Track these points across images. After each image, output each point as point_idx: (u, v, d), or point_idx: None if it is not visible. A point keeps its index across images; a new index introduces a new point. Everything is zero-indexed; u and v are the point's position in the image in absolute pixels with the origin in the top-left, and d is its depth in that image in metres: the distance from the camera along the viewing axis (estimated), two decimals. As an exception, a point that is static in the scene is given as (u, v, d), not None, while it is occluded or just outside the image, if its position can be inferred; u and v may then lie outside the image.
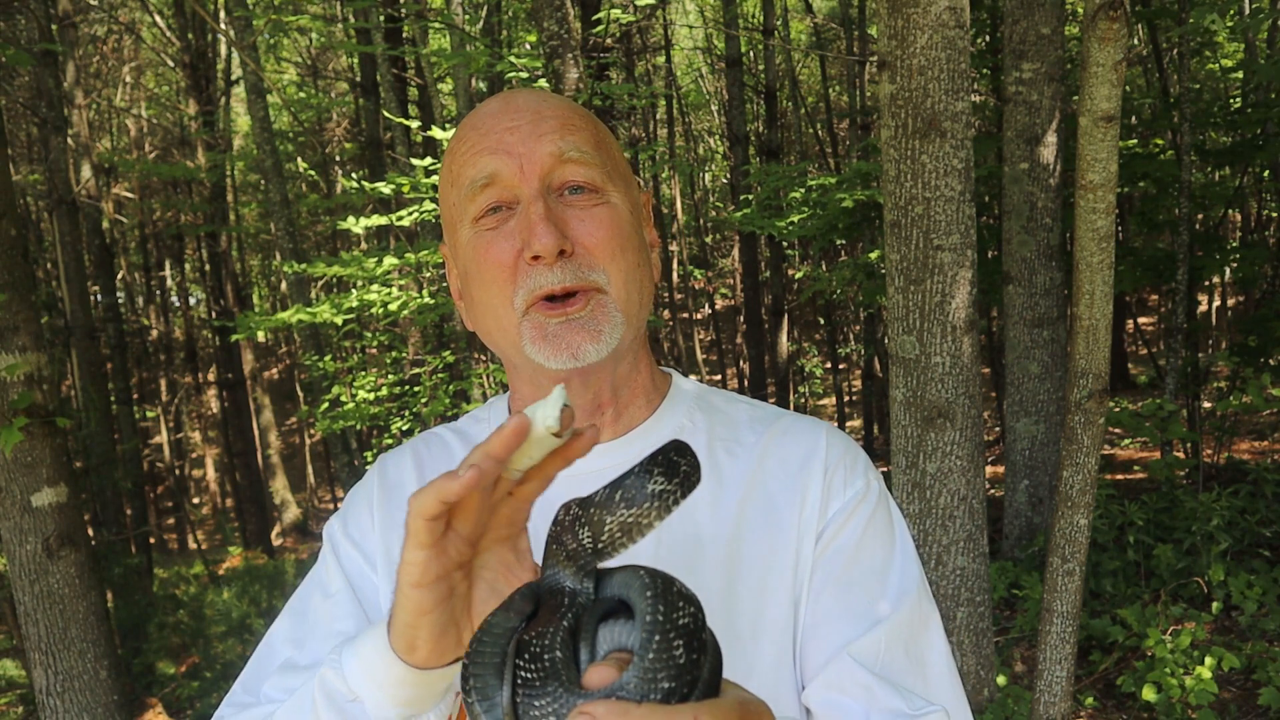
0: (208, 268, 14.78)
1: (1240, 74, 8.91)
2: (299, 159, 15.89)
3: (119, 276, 15.23)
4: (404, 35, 8.86)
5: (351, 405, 6.71)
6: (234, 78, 13.17)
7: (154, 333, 18.04)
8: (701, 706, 0.48)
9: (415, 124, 5.98)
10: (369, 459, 8.18)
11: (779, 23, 14.04)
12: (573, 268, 0.82)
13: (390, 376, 7.45)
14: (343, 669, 0.68)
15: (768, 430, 0.93)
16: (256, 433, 14.66)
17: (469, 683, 0.53)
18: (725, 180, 18.02)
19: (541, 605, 0.57)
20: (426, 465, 0.96)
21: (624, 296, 0.85)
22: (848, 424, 14.68)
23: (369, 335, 8.91)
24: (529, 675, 0.51)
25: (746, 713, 0.51)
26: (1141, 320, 13.94)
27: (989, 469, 8.12)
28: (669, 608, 0.50)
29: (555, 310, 0.83)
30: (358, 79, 11.87)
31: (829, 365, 16.59)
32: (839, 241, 10.42)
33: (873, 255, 7.75)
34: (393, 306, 5.93)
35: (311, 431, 17.38)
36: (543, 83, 5.25)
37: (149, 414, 17.50)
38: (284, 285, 14.12)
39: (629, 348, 0.89)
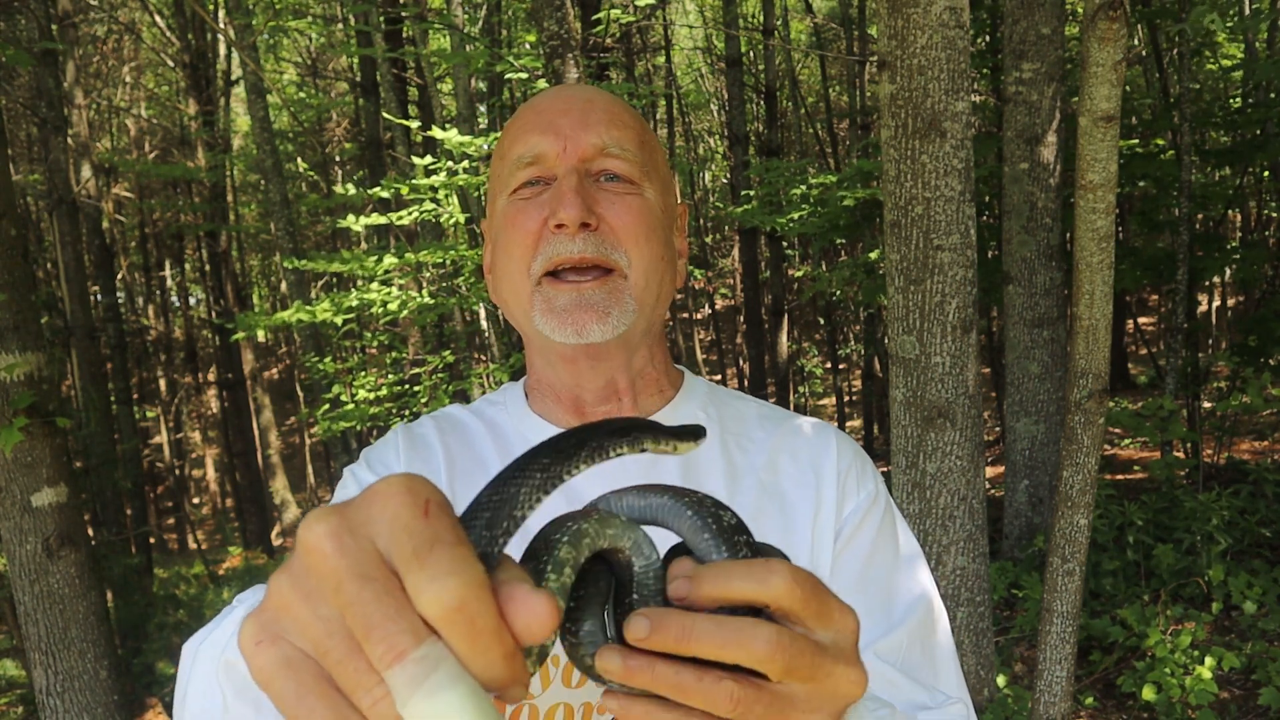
0: (208, 268, 14.77)
1: (1240, 74, 8.91)
2: (299, 159, 15.89)
3: (119, 276, 15.22)
4: (404, 35, 8.85)
5: (351, 406, 6.71)
6: (234, 78, 13.16)
7: (154, 333, 18.03)
8: (784, 560, 0.50)
9: (415, 124, 5.97)
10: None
11: (779, 23, 14.03)
12: (595, 241, 0.85)
13: (390, 376, 7.44)
14: None
15: (778, 429, 0.96)
16: (256, 433, 14.65)
17: (576, 633, 0.52)
18: (725, 180, 18.02)
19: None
20: (449, 438, 0.97)
21: (641, 285, 0.87)
22: (848, 424, 14.67)
23: (369, 335, 8.91)
24: (642, 597, 0.52)
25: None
26: (1141, 320, 13.94)
27: (989, 469, 8.12)
28: (715, 520, 0.53)
29: (567, 284, 0.85)
30: (358, 79, 11.87)
31: (829, 365, 16.59)
32: (839, 241, 10.42)
33: (873, 255, 7.75)
34: (392, 306, 5.93)
35: (311, 432, 17.37)
36: (541, 82, 5.26)
37: (149, 414, 17.50)
38: (284, 285, 14.12)
39: (641, 339, 0.92)
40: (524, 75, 5.62)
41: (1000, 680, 3.91)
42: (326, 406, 6.94)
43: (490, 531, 0.46)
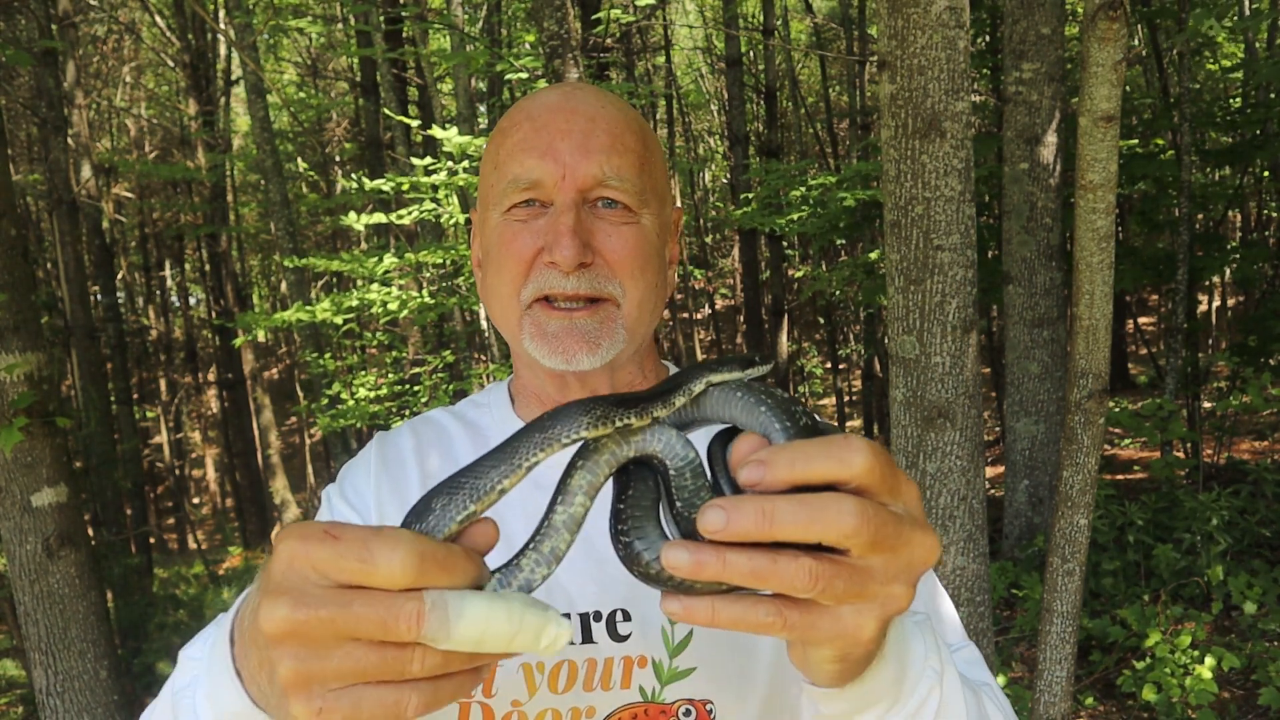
0: (208, 268, 14.78)
1: (1240, 74, 8.91)
2: (299, 159, 15.88)
3: (119, 276, 15.22)
4: (404, 35, 8.85)
5: (352, 404, 6.71)
6: (234, 78, 13.16)
7: (154, 333, 18.03)
8: (859, 436, 0.49)
9: (415, 123, 5.97)
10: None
11: (779, 23, 14.04)
12: (589, 278, 0.85)
13: (390, 376, 7.44)
14: None
15: None
16: (256, 433, 14.65)
17: (629, 533, 0.53)
18: (725, 180, 18.02)
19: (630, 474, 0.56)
20: (425, 446, 0.97)
21: (634, 315, 0.88)
22: (848, 424, 14.67)
23: (369, 335, 8.91)
24: (683, 501, 0.53)
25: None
26: (1141, 320, 13.93)
27: (989, 469, 8.11)
28: (767, 394, 0.53)
29: (559, 312, 0.85)
30: (358, 79, 11.87)
31: (829, 365, 16.59)
32: (839, 241, 10.42)
33: (873, 255, 7.75)
34: (392, 306, 5.93)
35: (311, 431, 17.37)
36: (541, 82, 5.26)
37: (149, 414, 17.49)
38: (284, 285, 14.12)
39: (630, 359, 0.93)
40: (524, 75, 5.62)
41: (1000, 680, 3.91)
42: (326, 402, 6.95)
43: (441, 509, 0.53)
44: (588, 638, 0.85)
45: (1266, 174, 9.31)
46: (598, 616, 0.86)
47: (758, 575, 0.46)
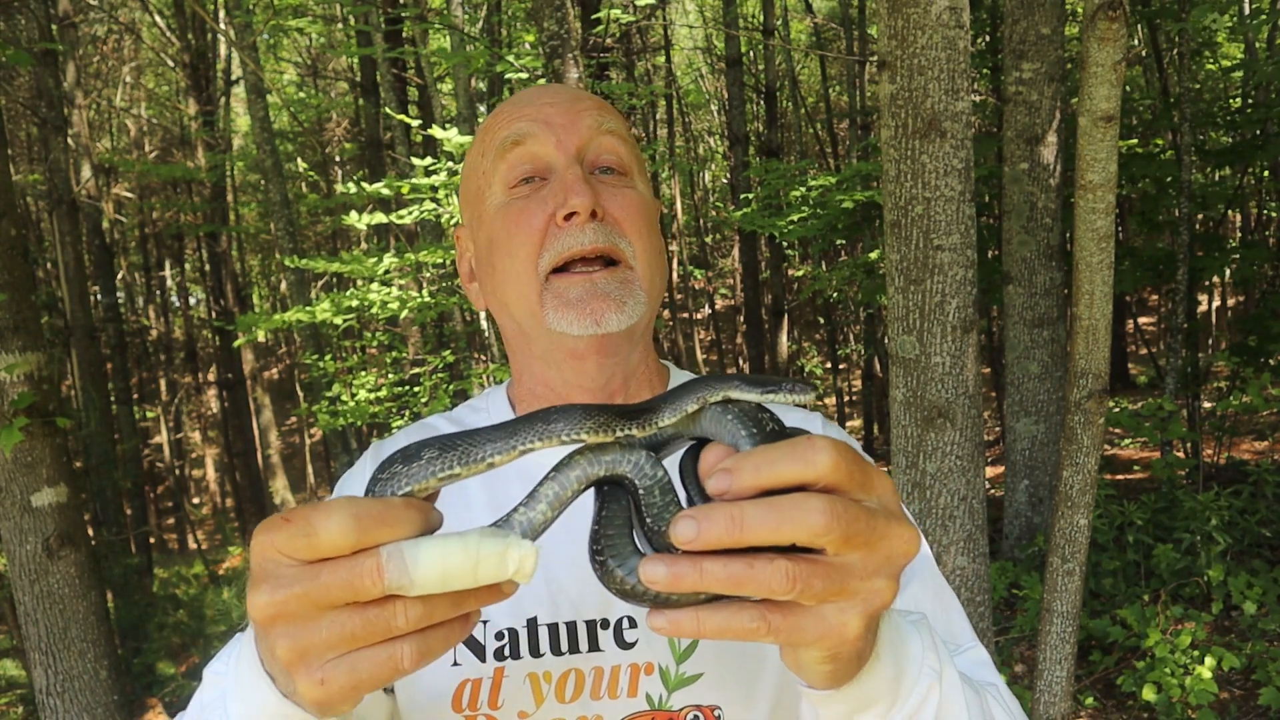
0: (208, 268, 14.78)
1: (1240, 74, 8.91)
2: (299, 159, 15.88)
3: (119, 276, 15.22)
4: (404, 35, 8.85)
5: (352, 404, 6.71)
6: (234, 78, 13.16)
7: (154, 333, 18.03)
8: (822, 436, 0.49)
9: (415, 123, 5.97)
10: (369, 459, 8.15)
11: (779, 23, 14.04)
12: (604, 231, 0.84)
13: (390, 376, 7.44)
14: None
15: None
16: (256, 433, 14.65)
17: (603, 555, 0.54)
18: (725, 180, 18.01)
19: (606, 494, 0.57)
20: None
21: (646, 276, 0.87)
22: (848, 424, 14.68)
23: (369, 335, 8.91)
24: (653, 517, 0.53)
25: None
26: (1141, 320, 13.93)
27: (989, 469, 8.11)
28: (736, 404, 0.54)
29: (578, 275, 0.84)
30: (358, 79, 11.86)
31: (829, 365, 16.59)
32: (839, 241, 10.42)
33: (873, 255, 7.74)
34: (393, 306, 5.93)
35: (311, 431, 17.38)
36: (540, 81, 5.26)
37: (149, 414, 17.49)
38: (284, 285, 14.13)
39: (643, 333, 0.91)
40: (524, 75, 5.62)
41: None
42: (326, 403, 6.95)
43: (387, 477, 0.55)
44: (594, 645, 0.84)
45: (1266, 174, 9.32)
46: (605, 624, 0.84)
47: (735, 581, 0.46)
